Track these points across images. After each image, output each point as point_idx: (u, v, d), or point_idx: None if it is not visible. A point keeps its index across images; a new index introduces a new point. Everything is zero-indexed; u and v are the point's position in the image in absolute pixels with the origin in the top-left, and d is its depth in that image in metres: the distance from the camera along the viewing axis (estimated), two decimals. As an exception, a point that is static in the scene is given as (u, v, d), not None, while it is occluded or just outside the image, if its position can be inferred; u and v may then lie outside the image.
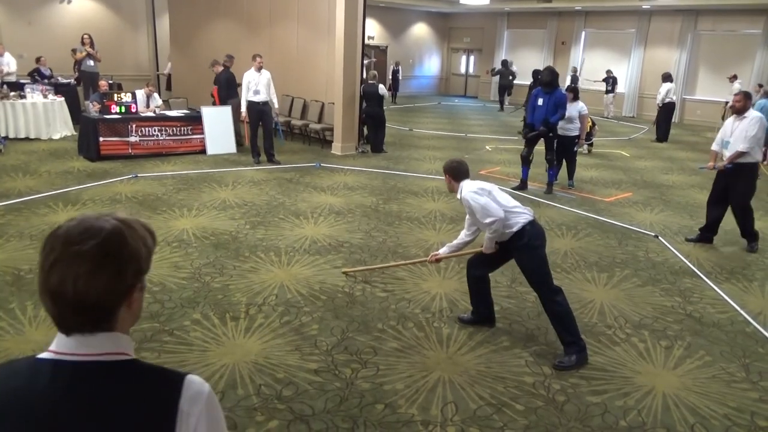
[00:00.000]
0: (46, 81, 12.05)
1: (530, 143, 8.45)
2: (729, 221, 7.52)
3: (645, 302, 4.94)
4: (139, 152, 9.60)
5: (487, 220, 3.84)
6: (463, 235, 4.21)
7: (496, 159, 11.00)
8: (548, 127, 8.12)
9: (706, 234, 6.58)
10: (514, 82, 19.81)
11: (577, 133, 8.64)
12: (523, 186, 8.67)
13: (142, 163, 9.24)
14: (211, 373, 3.61)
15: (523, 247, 3.91)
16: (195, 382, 1.06)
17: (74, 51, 12.93)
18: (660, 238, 6.62)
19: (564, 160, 8.83)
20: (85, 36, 12.86)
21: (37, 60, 12.76)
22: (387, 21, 22.44)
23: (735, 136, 6.13)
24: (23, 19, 14.56)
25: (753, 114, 6.08)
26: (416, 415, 3.28)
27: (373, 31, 21.80)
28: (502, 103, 19.77)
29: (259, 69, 9.37)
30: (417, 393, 3.50)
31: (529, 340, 4.20)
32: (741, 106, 6.15)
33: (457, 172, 4.10)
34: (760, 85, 13.66)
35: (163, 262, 5.32)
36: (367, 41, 14.48)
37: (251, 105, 9.41)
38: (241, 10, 13.12)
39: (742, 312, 4.81)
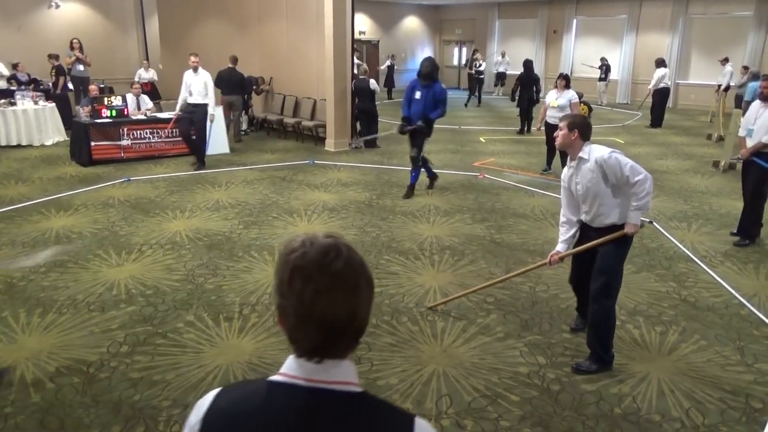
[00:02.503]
0: (23, 87, 11.97)
1: (414, 141, 7.65)
2: (721, 204, 7.53)
3: (639, 288, 4.93)
4: (131, 156, 9.57)
5: (638, 177, 3.39)
6: (564, 222, 3.85)
7: (490, 150, 10.97)
8: (428, 124, 7.49)
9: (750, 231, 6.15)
10: (508, 72, 19.94)
11: (569, 122, 8.56)
12: (409, 193, 7.66)
13: (134, 167, 9.20)
14: (205, 374, 3.60)
15: (620, 237, 3.57)
16: (424, 425, 1.05)
17: (50, 56, 12.79)
18: (654, 223, 6.61)
19: (557, 152, 8.80)
20: (75, 40, 12.78)
21: (14, 66, 12.66)
22: (377, 15, 22.37)
23: (759, 125, 5.78)
24: (13, 24, 14.48)
25: None
26: (411, 409, 3.28)
27: (364, 25, 21.74)
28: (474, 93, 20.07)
29: (195, 70, 8.85)
30: (411, 387, 3.50)
31: (524, 331, 4.20)
32: None
33: (588, 130, 3.65)
34: (746, 68, 13.63)
35: (156, 264, 5.30)
36: (357, 36, 14.44)
37: (185, 106, 9.00)
38: (230, 9, 13.06)
39: (736, 295, 4.81)
